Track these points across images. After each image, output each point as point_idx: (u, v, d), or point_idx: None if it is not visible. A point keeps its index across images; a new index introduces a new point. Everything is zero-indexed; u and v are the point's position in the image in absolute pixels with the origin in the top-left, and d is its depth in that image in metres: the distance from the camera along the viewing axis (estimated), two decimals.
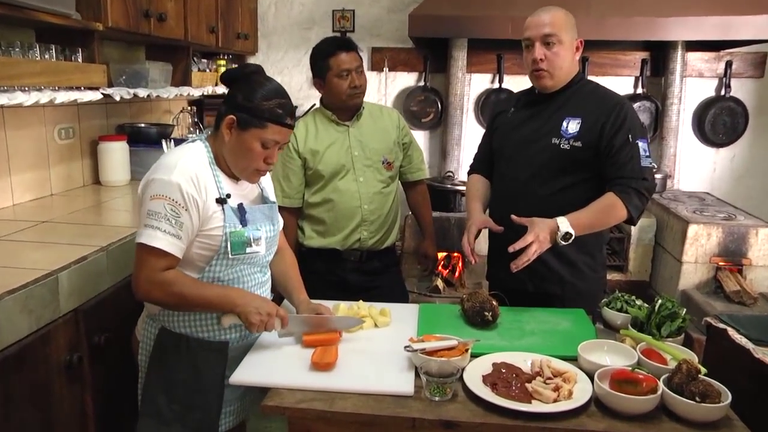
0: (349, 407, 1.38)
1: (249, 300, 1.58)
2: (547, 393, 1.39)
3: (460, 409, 1.37)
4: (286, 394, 1.43)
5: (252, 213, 1.67)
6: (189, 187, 1.53)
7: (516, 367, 1.51)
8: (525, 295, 2.04)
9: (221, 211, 1.60)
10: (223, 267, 1.63)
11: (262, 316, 1.57)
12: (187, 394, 1.63)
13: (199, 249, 1.60)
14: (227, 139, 1.61)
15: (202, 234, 1.58)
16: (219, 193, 1.61)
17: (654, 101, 4.04)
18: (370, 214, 2.44)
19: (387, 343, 1.69)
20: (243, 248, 1.62)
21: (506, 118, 2.17)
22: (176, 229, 1.52)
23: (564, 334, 1.76)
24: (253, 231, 1.65)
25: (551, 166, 1.97)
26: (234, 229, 1.61)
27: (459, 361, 1.49)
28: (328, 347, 1.61)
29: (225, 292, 1.59)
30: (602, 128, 1.92)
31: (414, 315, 1.91)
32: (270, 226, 1.73)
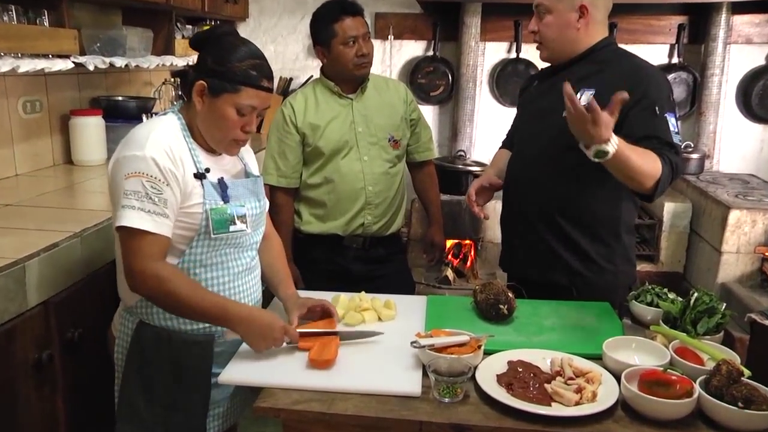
0: (350, 409, 1.38)
1: (253, 325, 1.56)
2: (568, 395, 1.39)
3: (472, 412, 1.38)
4: (280, 395, 1.44)
5: (234, 188, 1.68)
6: (165, 161, 1.53)
7: (534, 366, 1.52)
8: (531, 286, 2.05)
9: (200, 187, 1.60)
10: (205, 249, 1.63)
11: (267, 342, 1.57)
12: (168, 395, 1.63)
13: (177, 229, 1.60)
14: (199, 107, 1.61)
15: (181, 212, 1.59)
16: (196, 167, 1.61)
17: (692, 72, 4.01)
18: (375, 197, 2.45)
19: (392, 339, 1.70)
20: (226, 226, 1.63)
21: (528, 92, 2.20)
22: (161, 207, 1.52)
23: (587, 330, 1.76)
24: (237, 207, 1.65)
25: (558, 143, 1.94)
26: (215, 205, 1.61)
27: (471, 358, 1.49)
28: (327, 343, 1.61)
29: (225, 305, 1.57)
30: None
31: (421, 308, 1.92)
32: (255, 203, 1.73)
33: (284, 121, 2.43)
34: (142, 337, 1.65)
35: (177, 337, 1.65)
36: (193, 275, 1.63)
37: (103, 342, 1.81)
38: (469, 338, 1.58)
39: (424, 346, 1.52)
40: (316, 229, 2.48)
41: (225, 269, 1.68)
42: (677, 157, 1.85)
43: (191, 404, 1.65)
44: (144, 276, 1.52)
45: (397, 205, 2.56)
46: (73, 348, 1.84)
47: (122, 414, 1.66)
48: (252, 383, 1.52)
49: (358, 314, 1.82)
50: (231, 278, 1.69)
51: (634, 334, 1.70)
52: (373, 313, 1.84)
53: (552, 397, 1.40)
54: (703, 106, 3.96)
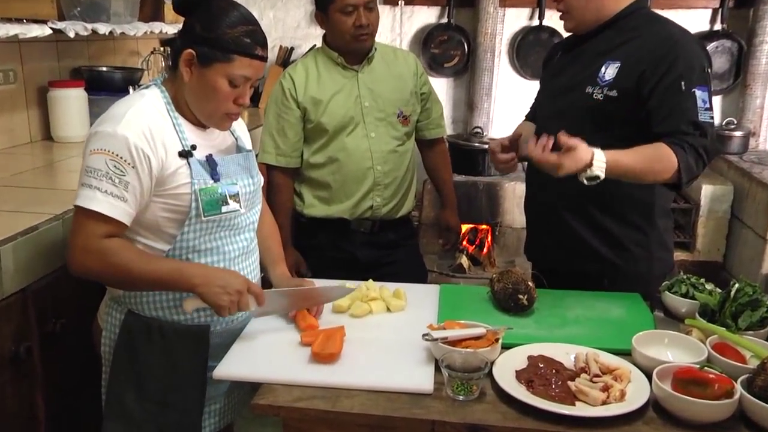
0: (356, 407, 1.39)
1: (211, 277, 1.57)
2: (594, 393, 1.39)
3: (489, 411, 1.38)
4: (280, 391, 1.45)
5: (225, 165, 1.68)
6: (139, 141, 1.53)
7: (556, 362, 1.52)
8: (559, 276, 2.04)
9: (186, 166, 1.61)
10: (197, 233, 1.64)
11: (231, 296, 1.56)
12: (161, 391, 1.65)
13: (164, 212, 1.61)
14: (187, 78, 1.61)
15: (166, 194, 1.59)
16: (182, 144, 1.61)
17: (737, 40, 3.97)
18: (384, 177, 2.45)
19: (401, 331, 1.71)
20: (217, 207, 1.63)
21: (551, 65, 2.19)
22: (120, 190, 1.52)
23: (615, 323, 1.76)
24: (228, 186, 1.66)
25: (581, 121, 1.94)
26: (204, 185, 1.61)
27: (488, 352, 1.50)
28: (332, 335, 1.62)
29: (179, 267, 1.59)
30: (643, 72, 1.88)
31: (434, 297, 1.92)
32: (248, 180, 1.73)
33: (283, 95, 2.42)
34: (130, 328, 1.66)
35: (169, 327, 1.66)
36: (186, 260, 1.64)
37: (88, 334, 1.83)
38: (486, 331, 1.58)
39: (437, 339, 1.53)
40: (320, 213, 2.48)
41: (220, 254, 1.69)
42: (704, 139, 1.84)
43: (185, 401, 1.66)
44: (85, 252, 1.52)
45: (408, 185, 2.56)
46: (54, 340, 1.85)
47: (110, 412, 1.67)
48: (250, 378, 1.53)
49: (365, 304, 1.83)
50: (227, 263, 1.70)
51: (667, 328, 1.70)
52: (381, 303, 1.85)
53: (576, 396, 1.41)
54: (749, 79, 3.92)
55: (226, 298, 1.56)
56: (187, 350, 1.65)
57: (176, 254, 1.63)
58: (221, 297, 1.56)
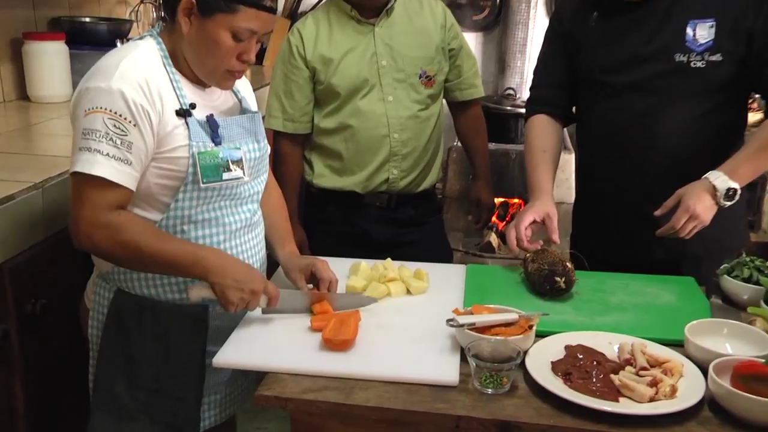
0: (372, 400, 1.40)
1: (229, 267, 1.59)
2: (640, 388, 1.39)
3: (521, 407, 1.39)
4: (288, 381, 1.46)
5: (227, 127, 1.69)
6: (136, 95, 1.54)
7: (598, 353, 1.53)
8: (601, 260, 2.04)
9: (184, 126, 1.61)
10: (194, 202, 1.65)
11: (244, 294, 1.59)
12: (154, 379, 1.67)
13: (158, 178, 1.61)
14: (186, 30, 1.61)
15: (161, 157, 1.60)
16: (180, 102, 1.62)
17: None
18: (402, 146, 2.45)
19: (423, 316, 1.72)
20: (217, 174, 1.64)
21: (587, 28, 2.09)
22: (123, 152, 1.53)
23: (666, 310, 1.76)
24: (230, 150, 1.67)
25: (683, 95, 1.93)
26: (203, 149, 1.62)
27: (520, 341, 1.50)
28: (346, 320, 1.63)
29: (195, 250, 1.61)
30: (752, 26, 1.86)
31: (460, 279, 1.94)
32: (253, 144, 1.74)
33: (290, 53, 2.42)
34: (121, 309, 1.68)
35: (164, 308, 1.68)
36: (181, 234, 1.65)
37: (73, 315, 1.85)
38: (518, 316, 1.58)
39: (463, 326, 1.54)
40: (331, 184, 2.49)
41: (220, 226, 1.70)
42: None
43: (182, 390, 1.68)
44: (93, 227, 1.53)
45: (431, 156, 2.56)
46: (35, 322, 1.86)
47: (98, 402, 1.69)
48: (253, 367, 1.55)
49: (383, 285, 1.84)
50: (227, 236, 1.71)
51: (726, 317, 1.69)
52: (400, 284, 1.86)
53: (620, 391, 1.41)
54: None
55: (238, 296, 1.58)
56: (183, 334, 1.67)
57: (169, 224, 1.64)
58: (233, 293, 1.58)
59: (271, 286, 1.66)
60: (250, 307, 1.63)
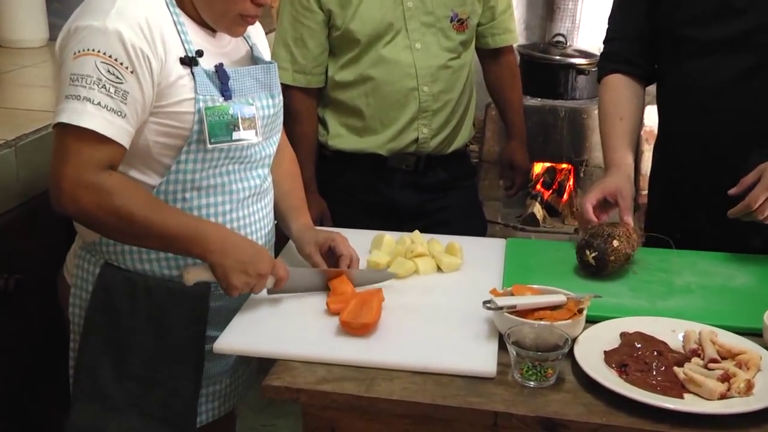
0: (396, 392, 1.41)
1: (232, 246, 1.59)
2: (710, 384, 1.38)
3: (569, 402, 1.39)
4: (300, 370, 1.47)
5: (238, 79, 1.68)
6: (136, 38, 1.53)
7: (659, 341, 1.52)
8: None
9: (190, 77, 1.61)
10: (199, 165, 1.64)
11: (250, 278, 1.59)
12: (146, 366, 1.68)
13: (158, 136, 1.61)
14: None
15: (162, 112, 1.60)
16: (185, 49, 1.61)
17: None
18: (434, 101, 2.44)
19: (456, 297, 1.73)
20: (227, 133, 1.64)
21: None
22: (117, 102, 1.53)
23: (741, 294, 1.75)
24: (242, 106, 1.66)
25: None
26: (212, 103, 1.62)
27: (568, 327, 1.50)
28: (367, 301, 1.64)
29: (196, 224, 1.61)
30: None
31: (498, 254, 1.94)
32: (268, 100, 1.74)
33: None
34: (108, 285, 1.68)
35: (158, 285, 1.68)
36: (182, 201, 1.66)
37: (50, 292, 1.86)
38: (566, 299, 1.58)
39: (502, 308, 1.53)
40: (350, 146, 2.49)
41: (227, 193, 1.70)
42: None
43: (177, 380, 1.69)
44: (78, 188, 1.52)
45: (463, 111, 2.55)
46: (7, 299, 1.88)
47: (80, 391, 1.70)
48: (260, 353, 1.56)
49: (410, 262, 1.84)
50: (234, 205, 1.72)
51: None
52: (430, 260, 1.86)
53: (685, 387, 1.41)
54: None
55: (242, 279, 1.59)
56: (181, 315, 1.68)
57: (168, 190, 1.64)
58: (237, 276, 1.58)
59: (281, 266, 1.66)
60: (255, 291, 1.64)
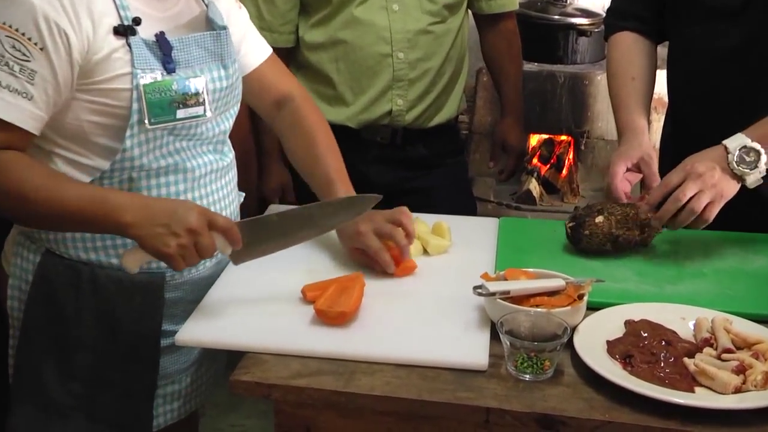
0: (379, 387, 1.41)
1: (150, 211, 1.54)
2: (723, 376, 1.39)
3: (568, 397, 1.39)
4: (272, 364, 1.47)
5: (183, 48, 1.66)
6: (52, 10, 1.51)
7: (668, 330, 1.53)
8: None
9: (126, 49, 1.59)
10: (144, 147, 1.62)
11: (180, 238, 1.53)
12: (94, 366, 1.67)
13: (92, 115, 1.59)
14: None
15: (95, 89, 1.58)
16: (119, 15, 1.59)
17: None
18: (409, 69, 2.43)
19: (444, 282, 1.73)
20: (170, 112, 1.62)
21: None
22: (22, 82, 1.51)
23: (759, 277, 1.76)
24: (188, 80, 1.65)
25: None
26: (151, 79, 1.60)
27: (567, 314, 1.50)
28: (346, 287, 1.64)
29: (104, 195, 1.57)
30: None
31: (491, 235, 1.95)
32: (219, 71, 1.72)
33: None
34: (49, 276, 1.67)
35: (106, 275, 1.67)
36: (128, 182, 1.64)
37: None
38: (565, 283, 1.59)
39: (495, 294, 1.53)
40: None
41: (179, 173, 1.70)
42: None
43: (130, 380, 1.69)
44: None
45: (447, 82, 2.55)
46: None
47: (20, 393, 1.70)
48: (228, 345, 1.56)
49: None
50: (189, 185, 1.71)
51: None
52: (415, 242, 1.85)
53: (696, 379, 1.41)
54: None
55: (173, 243, 1.52)
56: (133, 308, 1.67)
57: (114, 175, 1.63)
58: (165, 241, 1.52)
59: (217, 216, 1.59)
60: (204, 254, 1.56)
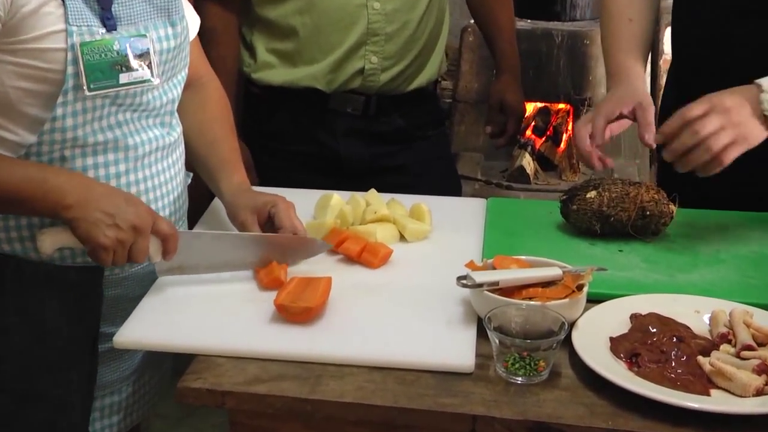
0: (349, 393, 1.41)
1: (94, 195, 1.57)
2: (743, 377, 1.40)
3: (566, 402, 1.40)
4: (226, 368, 1.47)
5: (125, 2, 1.67)
6: None
7: (679, 325, 1.54)
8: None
9: (58, 2, 1.58)
10: (80, 119, 1.63)
11: (121, 232, 1.55)
12: (22, 375, 1.67)
13: (18, 80, 1.59)
14: None
15: (20, 49, 1.57)
16: None
17: None
18: (386, 21, 2.44)
19: (423, 273, 1.75)
20: (111, 75, 1.62)
21: None
22: None
23: None
24: (131, 39, 1.65)
25: None
26: (89, 37, 1.60)
27: (565, 307, 1.51)
28: (311, 280, 1.65)
29: (44, 174, 1.59)
30: None
31: (478, 219, 1.97)
32: (166, 29, 1.73)
33: None
34: None
35: (34, 270, 1.67)
36: (60, 162, 1.64)
37: None
38: (563, 273, 1.60)
39: (482, 285, 1.54)
40: (280, 78, 2.49)
41: (120, 150, 1.70)
42: None
43: (63, 390, 1.69)
44: None
45: (428, 38, 2.55)
46: None
47: None
48: (174, 348, 1.56)
49: (365, 228, 1.86)
50: (131, 165, 1.72)
51: None
52: (390, 227, 1.88)
53: (712, 381, 1.42)
54: None
55: (111, 235, 1.54)
56: (64, 308, 1.67)
57: (43, 151, 1.63)
58: (104, 231, 1.53)
59: (163, 221, 1.62)
60: (135, 257, 1.58)
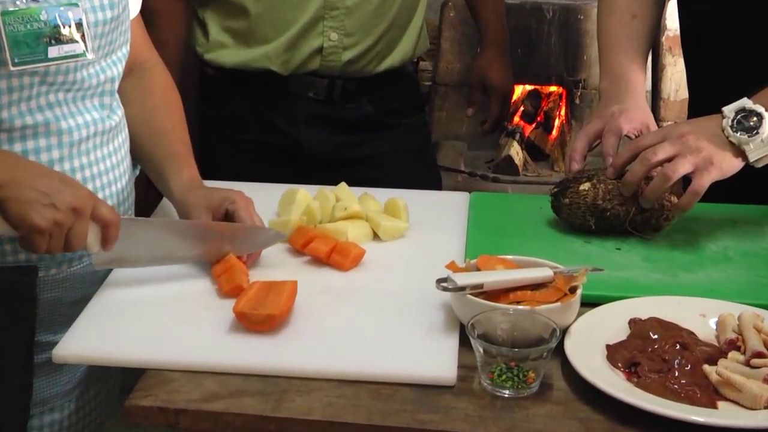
0: (318, 410, 1.42)
1: (29, 177, 1.56)
2: (753, 387, 1.40)
3: (558, 417, 1.42)
4: (179, 383, 1.48)
5: None
6: None
7: (683, 330, 1.55)
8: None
9: None
10: (5, 98, 1.64)
11: (58, 212, 1.54)
12: None
13: None
14: None
15: None
16: None
17: None
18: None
19: (400, 275, 1.76)
20: (39, 49, 1.63)
21: None
22: None
23: None
24: (61, 8, 1.65)
25: None
26: (12, 6, 1.61)
27: (557, 312, 1.52)
28: (275, 284, 1.66)
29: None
30: None
31: (460, 215, 1.99)
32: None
33: None
34: None
35: None
36: None
37: None
38: (554, 274, 1.61)
39: (464, 289, 1.55)
40: (233, 59, 2.51)
41: (53, 135, 1.71)
42: None
43: None
44: None
45: (397, 12, 2.56)
46: None
47: None
48: (123, 362, 1.57)
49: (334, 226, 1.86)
50: (66, 151, 1.72)
51: None
52: (362, 224, 1.89)
53: (719, 392, 1.43)
54: None
55: (47, 215, 1.51)
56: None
57: None
58: (40, 211, 1.51)
59: (104, 205, 1.61)
60: (72, 245, 1.56)
